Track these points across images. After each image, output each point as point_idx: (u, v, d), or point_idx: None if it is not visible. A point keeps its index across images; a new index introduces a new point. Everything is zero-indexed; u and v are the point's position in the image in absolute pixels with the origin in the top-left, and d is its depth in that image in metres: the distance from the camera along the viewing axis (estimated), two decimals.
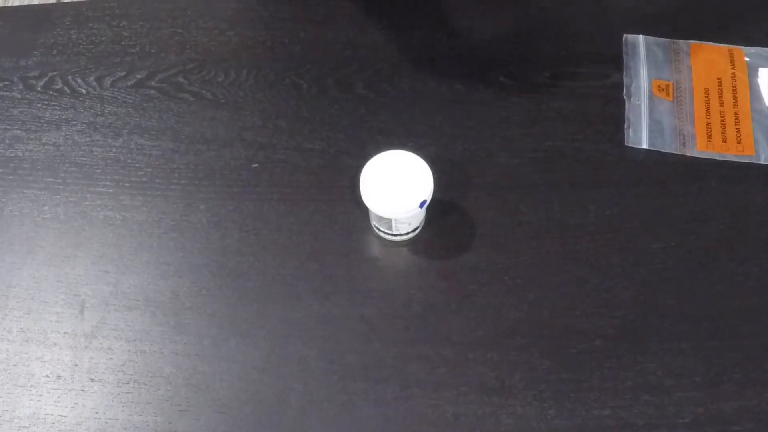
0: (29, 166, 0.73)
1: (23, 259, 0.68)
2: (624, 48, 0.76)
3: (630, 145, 0.70)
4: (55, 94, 0.77)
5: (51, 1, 1.23)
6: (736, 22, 0.78)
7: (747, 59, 0.75)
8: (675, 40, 0.77)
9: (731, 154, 0.70)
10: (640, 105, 0.72)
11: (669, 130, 0.71)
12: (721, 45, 0.76)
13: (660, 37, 0.77)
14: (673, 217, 0.67)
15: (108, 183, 0.72)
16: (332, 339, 0.63)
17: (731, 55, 0.75)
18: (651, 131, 0.71)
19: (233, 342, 0.64)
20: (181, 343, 0.64)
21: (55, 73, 0.78)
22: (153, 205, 0.70)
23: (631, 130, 0.71)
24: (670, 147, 0.70)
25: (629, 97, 0.73)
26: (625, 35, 0.77)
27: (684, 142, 0.70)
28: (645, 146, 0.70)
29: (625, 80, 0.74)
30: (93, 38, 0.80)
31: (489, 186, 0.70)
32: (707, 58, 0.75)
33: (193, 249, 0.68)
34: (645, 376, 0.61)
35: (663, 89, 0.73)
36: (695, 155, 0.70)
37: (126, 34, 0.80)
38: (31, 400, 0.62)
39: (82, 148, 0.74)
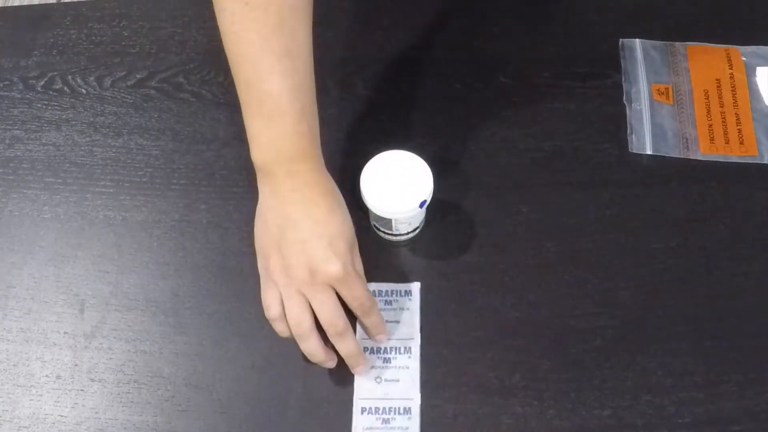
0: (29, 166, 0.73)
1: (23, 259, 0.68)
2: (621, 52, 0.76)
3: (634, 151, 0.70)
4: (55, 94, 0.77)
5: (51, 1, 1.23)
6: (731, 22, 0.78)
7: (744, 59, 0.75)
8: (671, 43, 0.77)
9: (734, 155, 0.70)
10: (641, 110, 0.72)
11: (671, 134, 0.71)
12: (718, 45, 0.76)
13: (656, 39, 0.77)
14: (673, 217, 0.68)
15: (108, 183, 0.72)
16: None
17: (728, 55, 0.75)
18: (654, 136, 0.71)
19: (233, 342, 0.64)
20: (181, 343, 0.64)
21: (55, 73, 0.78)
22: (153, 205, 0.70)
23: (634, 136, 0.71)
24: (674, 151, 0.70)
25: (630, 103, 0.73)
26: (621, 40, 0.77)
27: (687, 146, 0.70)
28: (649, 152, 0.70)
29: (625, 85, 0.74)
30: (93, 38, 0.80)
31: (489, 186, 0.70)
32: (704, 60, 0.75)
33: (193, 249, 0.68)
34: (645, 376, 0.61)
35: (663, 93, 0.73)
36: (699, 158, 0.70)
37: (126, 34, 0.80)
38: (31, 400, 0.62)
39: (82, 148, 0.74)
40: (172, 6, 0.82)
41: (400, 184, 0.61)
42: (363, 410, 0.60)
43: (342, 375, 0.62)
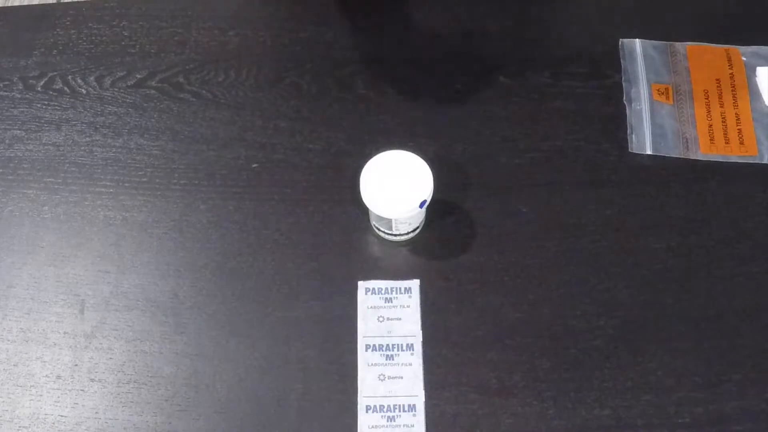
0: (29, 166, 0.73)
1: (23, 259, 0.68)
2: (621, 52, 0.76)
3: (634, 151, 0.70)
4: (55, 94, 0.77)
5: (51, 1, 1.23)
6: (731, 22, 0.78)
7: (744, 59, 0.75)
8: (671, 43, 0.77)
9: (734, 155, 0.70)
10: (641, 110, 0.72)
11: (671, 134, 0.71)
12: (718, 45, 0.76)
13: (656, 39, 0.77)
14: (673, 217, 0.68)
15: (108, 183, 0.72)
16: (332, 339, 0.63)
17: (728, 55, 0.75)
18: (654, 136, 0.71)
19: (233, 342, 0.64)
20: (181, 343, 0.64)
21: (55, 73, 0.78)
22: (153, 205, 0.70)
23: (634, 136, 0.71)
24: (674, 151, 0.70)
25: (630, 103, 0.73)
26: (621, 40, 0.77)
27: (687, 146, 0.70)
28: (649, 152, 0.70)
29: (625, 85, 0.74)
30: (93, 38, 0.80)
31: (489, 186, 0.70)
32: (705, 60, 0.75)
33: (193, 249, 0.68)
34: (645, 376, 0.61)
35: (663, 93, 0.73)
36: (699, 158, 0.70)
37: (126, 34, 0.80)
38: (31, 400, 0.62)
39: (82, 148, 0.74)
40: (172, 6, 0.82)
41: (400, 184, 0.61)
42: (368, 408, 0.60)
43: (342, 374, 0.62)
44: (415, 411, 0.60)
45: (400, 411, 0.60)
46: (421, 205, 0.60)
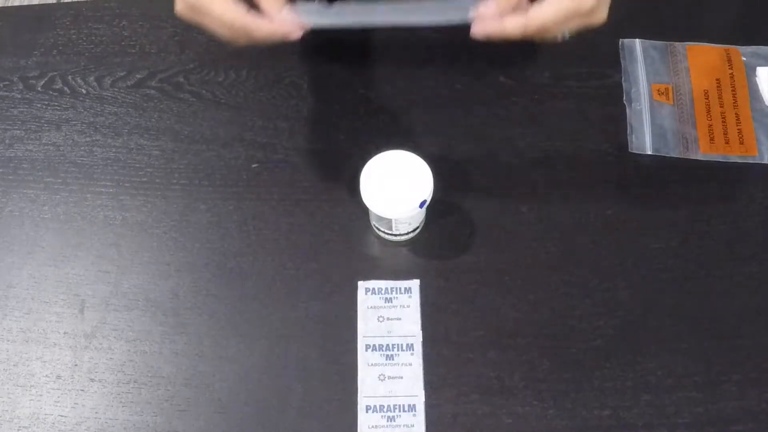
0: (29, 166, 0.73)
1: (23, 259, 0.68)
2: (621, 52, 0.76)
3: (634, 151, 0.70)
4: (55, 94, 0.77)
5: (51, 1, 1.23)
6: (731, 22, 0.78)
7: (744, 59, 0.75)
8: (671, 43, 0.77)
9: (734, 155, 0.70)
10: (641, 110, 0.72)
11: (671, 134, 0.71)
12: (718, 45, 0.76)
13: (656, 39, 0.77)
14: (673, 217, 0.68)
15: (108, 183, 0.72)
16: (332, 339, 0.63)
17: (728, 55, 0.75)
18: (654, 136, 0.71)
19: (233, 342, 0.64)
20: (181, 343, 0.64)
21: (55, 73, 0.78)
22: (153, 205, 0.70)
23: (634, 137, 0.71)
24: (674, 151, 0.70)
25: (630, 103, 0.73)
26: (621, 40, 0.77)
27: (687, 146, 0.70)
28: (649, 152, 0.70)
29: (624, 85, 0.74)
30: (93, 38, 0.80)
31: (489, 186, 0.70)
32: (704, 60, 0.75)
33: (193, 249, 0.68)
34: (645, 376, 0.61)
35: (663, 93, 0.73)
36: (699, 158, 0.70)
37: (126, 34, 0.80)
38: (31, 400, 0.62)
39: (82, 148, 0.74)
40: (172, 6, 0.82)
41: (400, 184, 0.61)
42: (368, 408, 0.60)
43: (342, 374, 0.62)
44: (415, 411, 0.60)
45: (400, 411, 0.60)
46: (421, 205, 0.60)
